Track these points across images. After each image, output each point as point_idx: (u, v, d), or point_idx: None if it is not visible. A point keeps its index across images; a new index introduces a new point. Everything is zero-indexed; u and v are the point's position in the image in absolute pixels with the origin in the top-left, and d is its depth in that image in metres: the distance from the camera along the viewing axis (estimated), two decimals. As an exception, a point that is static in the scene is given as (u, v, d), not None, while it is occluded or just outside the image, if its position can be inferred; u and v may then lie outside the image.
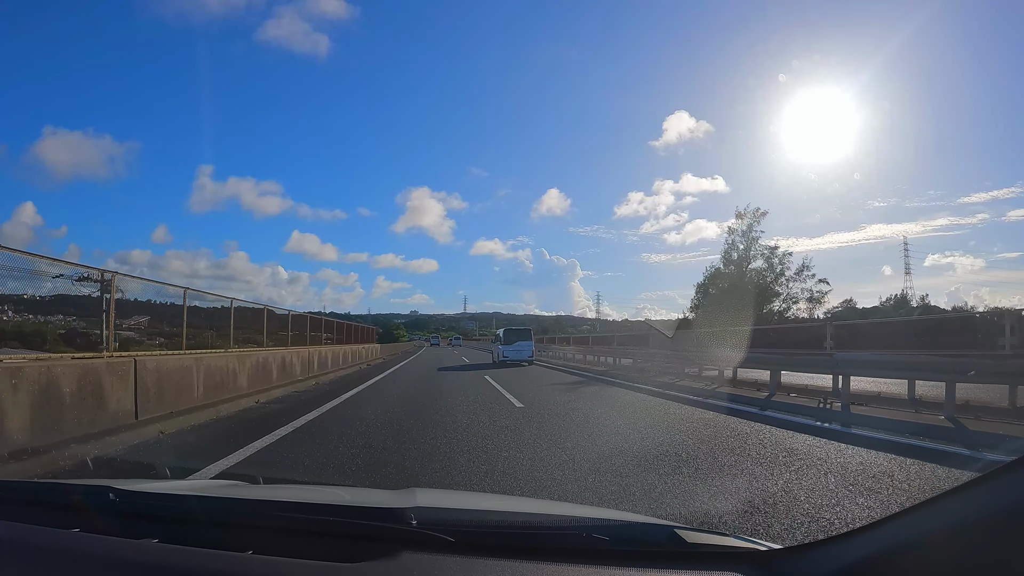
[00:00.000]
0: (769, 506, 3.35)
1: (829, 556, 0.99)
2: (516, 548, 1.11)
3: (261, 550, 1.08)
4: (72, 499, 1.38)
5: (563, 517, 1.31)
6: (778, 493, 3.67)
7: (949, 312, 28.15)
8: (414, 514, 1.15)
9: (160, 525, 1.20)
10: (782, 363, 10.41)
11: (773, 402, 9.03)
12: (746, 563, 1.06)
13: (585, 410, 8.31)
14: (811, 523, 3.04)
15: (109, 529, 1.20)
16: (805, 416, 7.53)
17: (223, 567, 1.05)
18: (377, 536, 1.14)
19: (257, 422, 7.22)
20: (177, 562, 1.06)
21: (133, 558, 1.07)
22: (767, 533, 2.87)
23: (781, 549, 1.09)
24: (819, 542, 1.05)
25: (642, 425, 6.98)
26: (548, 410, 8.34)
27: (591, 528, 1.17)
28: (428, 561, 1.06)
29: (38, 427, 4.70)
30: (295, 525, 1.18)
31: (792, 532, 2.89)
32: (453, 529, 1.13)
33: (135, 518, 1.27)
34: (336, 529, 1.17)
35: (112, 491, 1.30)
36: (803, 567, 1.02)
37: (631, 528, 1.26)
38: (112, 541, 1.14)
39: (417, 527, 1.12)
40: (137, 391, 6.34)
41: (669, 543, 1.12)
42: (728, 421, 7.14)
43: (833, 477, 4.10)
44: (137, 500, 1.34)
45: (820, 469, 4.38)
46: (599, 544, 1.11)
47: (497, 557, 1.07)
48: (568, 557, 1.07)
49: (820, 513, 3.21)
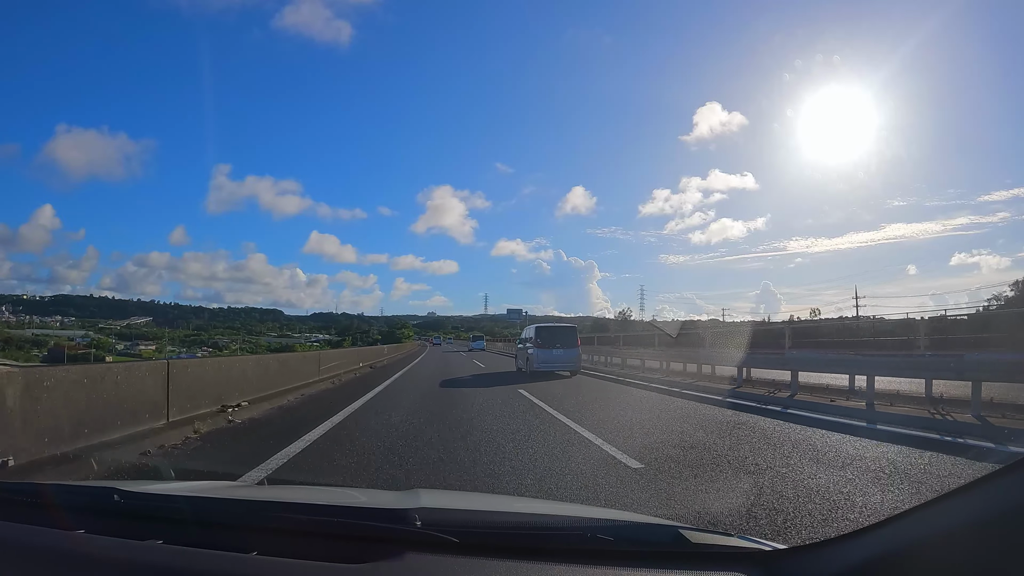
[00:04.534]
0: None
1: (833, 556, 0.99)
2: (520, 549, 1.11)
3: (265, 551, 1.09)
4: (77, 500, 1.38)
5: (567, 518, 1.31)
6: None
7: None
8: (418, 515, 1.15)
9: (164, 526, 1.21)
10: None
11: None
12: (750, 563, 1.07)
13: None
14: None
15: (114, 530, 1.20)
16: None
17: (227, 568, 1.05)
18: (381, 537, 1.14)
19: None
20: (182, 563, 1.06)
21: (138, 559, 1.08)
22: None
23: (785, 549, 1.10)
24: (823, 542, 1.05)
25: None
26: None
27: (595, 529, 1.18)
28: (432, 562, 1.06)
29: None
30: (299, 526, 1.18)
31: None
32: (457, 530, 1.13)
33: (140, 519, 1.27)
34: (340, 530, 1.17)
35: (117, 492, 1.30)
36: (807, 567, 1.02)
37: (635, 528, 1.26)
38: (117, 542, 1.14)
39: (421, 528, 1.12)
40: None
41: (674, 543, 1.12)
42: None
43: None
44: (142, 501, 1.34)
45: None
46: (603, 544, 1.11)
47: (501, 558, 1.07)
48: (572, 558, 1.07)
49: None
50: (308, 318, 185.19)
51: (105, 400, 5.00)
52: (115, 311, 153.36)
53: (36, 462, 4.06)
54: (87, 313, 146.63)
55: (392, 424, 6.75)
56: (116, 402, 5.16)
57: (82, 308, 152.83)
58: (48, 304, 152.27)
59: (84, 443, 4.57)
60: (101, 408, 4.92)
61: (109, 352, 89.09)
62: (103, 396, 4.99)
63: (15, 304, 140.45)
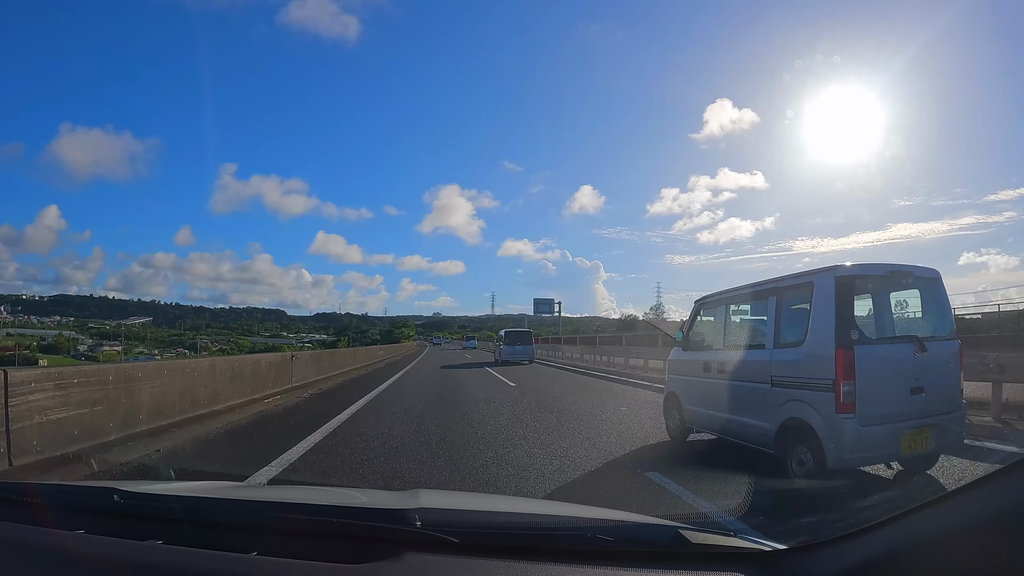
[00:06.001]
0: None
1: (834, 556, 0.99)
2: (520, 549, 1.11)
3: (265, 551, 1.09)
4: (76, 500, 1.38)
5: (567, 518, 1.31)
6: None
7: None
8: (418, 515, 1.15)
9: (164, 526, 1.21)
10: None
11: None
12: (751, 563, 1.07)
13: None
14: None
15: (113, 530, 1.20)
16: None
17: (227, 568, 1.05)
18: (381, 537, 1.14)
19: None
20: (181, 563, 1.07)
21: (137, 559, 1.08)
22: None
23: (786, 549, 1.09)
24: (824, 542, 1.05)
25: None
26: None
27: (595, 529, 1.18)
28: (432, 562, 1.06)
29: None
30: (299, 526, 1.18)
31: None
32: (457, 530, 1.13)
33: (139, 519, 1.27)
34: (340, 530, 1.17)
35: (116, 492, 1.30)
36: (808, 567, 1.02)
37: (635, 528, 1.26)
38: (116, 542, 1.14)
39: (421, 528, 1.12)
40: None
41: (673, 543, 1.12)
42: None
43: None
44: (141, 501, 1.34)
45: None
46: (603, 545, 1.11)
47: (501, 558, 1.07)
48: (572, 558, 1.08)
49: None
50: (311, 318, 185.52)
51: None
52: (115, 311, 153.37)
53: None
54: (86, 313, 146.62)
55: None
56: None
57: (81, 308, 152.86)
58: (47, 304, 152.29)
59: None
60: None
61: (67, 353, 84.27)
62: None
63: (14, 304, 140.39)
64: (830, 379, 3.69)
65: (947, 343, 4.11)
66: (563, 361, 25.71)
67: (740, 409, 4.62)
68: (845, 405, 3.61)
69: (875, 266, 4.20)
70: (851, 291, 3.90)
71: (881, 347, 3.91)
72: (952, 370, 4.05)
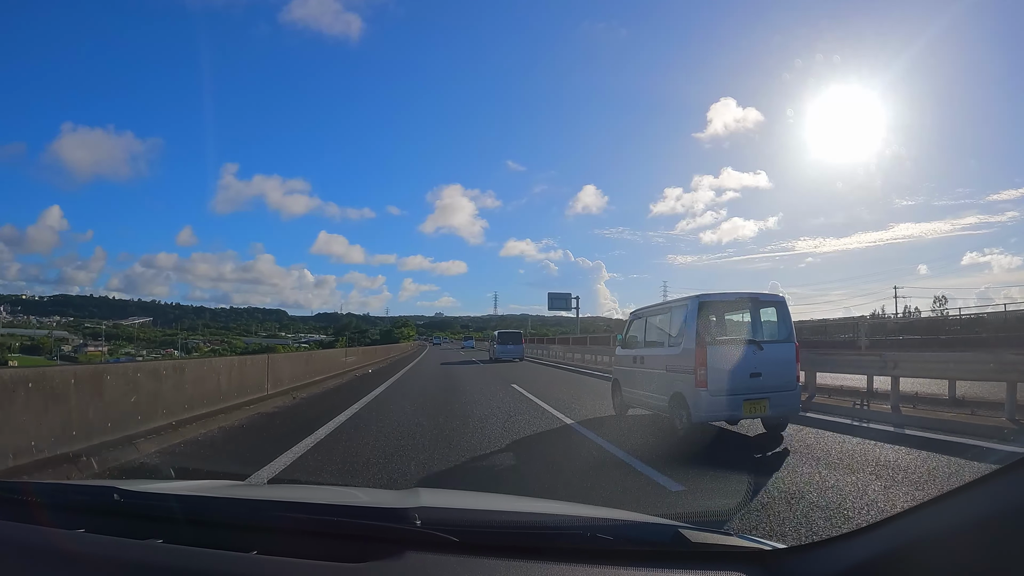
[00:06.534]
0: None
1: (834, 555, 0.99)
2: (520, 548, 1.11)
3: (265, 550, 1.09)
4: (76, 499, 1.38)
5: (567, 517, 1.31)
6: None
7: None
8: (418, 514, 1.15)
9: (164, 525, 1.21)
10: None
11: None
12: (750, 563, 1.07)
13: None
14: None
15: (114, 529, 1.20)
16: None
17: (227, 567, 1.05)
18: (381, 536, 1.14)
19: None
20: (181, 562, 1.06)
21: (138, 558, 1.08)
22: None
23: (785, 549, 1.09)
24: (823, 541, 1.05)
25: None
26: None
27: (595, 528, 1.17)
28: (432, 561, 1.06)
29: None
30: (299, 525, 1.18)
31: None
32: (457, 529, 1.13)
33: (140, 518, 1.27)
34: (340, 529, 1.17)
35: (116, 491, 1.30)
36: (808, 567, 1.02)
37: (635, 528, 1.26)
38: (117, 541, 1.14)
39: (421, 527, 1.12)
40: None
41: (673, 543, 1.12)
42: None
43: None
44: (141, 500, 1.34)
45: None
46: (603, 544, 1.11)
47: (501, 557, 1.07)
48: (572, 557, 1.08)
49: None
50: (312, 319, 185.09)
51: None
52: (115, 311, 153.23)
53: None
54: (86, 313, 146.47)
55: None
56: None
57: (81, 308, 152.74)
58: (47, 304, 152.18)
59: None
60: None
61: (47, 354, 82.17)
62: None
63: (14, 304, 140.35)
64: (692, 366, 5.71)
65: (784, 344, 6.11)
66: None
67: (652, 388, 6.75)
68: (700, 382, 5.61)
69: (727, 294, 6.43)
70: (708, 310, 6.08)
71: (725, 347, 5.92)
72: (787, 362, 5.98)
